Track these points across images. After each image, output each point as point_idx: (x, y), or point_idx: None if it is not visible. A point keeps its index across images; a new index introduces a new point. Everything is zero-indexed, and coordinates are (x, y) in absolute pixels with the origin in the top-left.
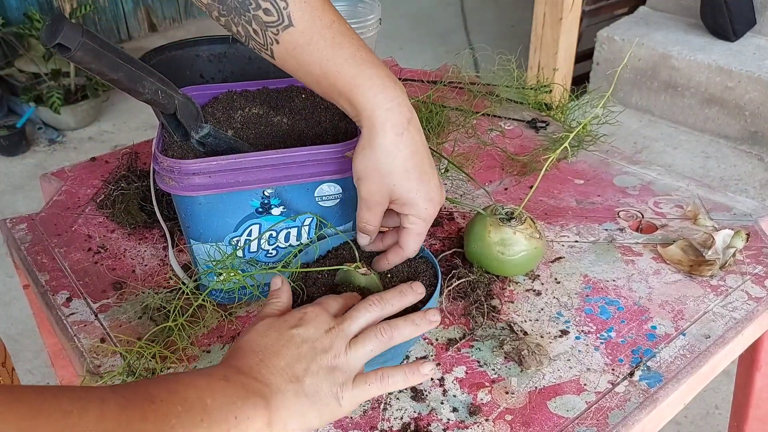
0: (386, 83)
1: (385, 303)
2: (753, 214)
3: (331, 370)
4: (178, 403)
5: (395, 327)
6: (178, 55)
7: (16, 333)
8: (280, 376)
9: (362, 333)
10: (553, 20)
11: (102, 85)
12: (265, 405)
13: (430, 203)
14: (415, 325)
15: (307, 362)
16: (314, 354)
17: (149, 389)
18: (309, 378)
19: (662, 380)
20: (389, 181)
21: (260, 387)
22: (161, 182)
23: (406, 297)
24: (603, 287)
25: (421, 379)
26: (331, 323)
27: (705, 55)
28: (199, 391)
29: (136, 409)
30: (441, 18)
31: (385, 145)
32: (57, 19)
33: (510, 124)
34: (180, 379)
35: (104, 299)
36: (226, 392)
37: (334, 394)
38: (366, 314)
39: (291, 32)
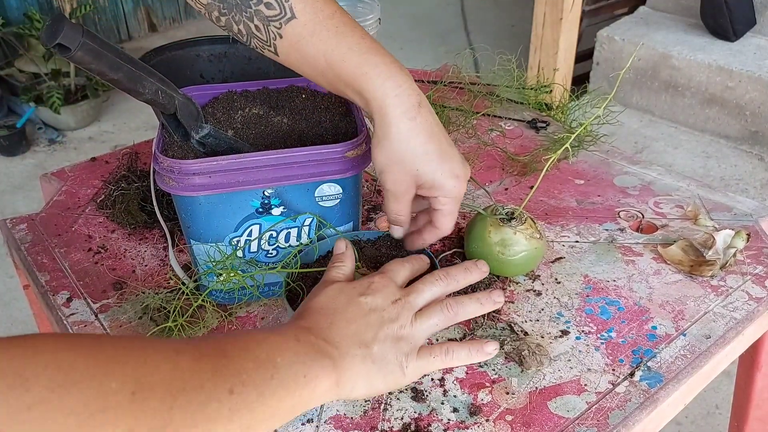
0: (392, 69)
1: (451, 279)
2: (753, 214)
3: (398, 339)
4: (249, 359)
5: (461, 303)
6: (178, 55)
7: (16, 333)
8: (349, 340)
9: (428, 306)
10: (553, 20)
11: (102, 85)
12: (333, 366)
13: (457, 180)
14: (480, 304)
15: (375, 330)
16: (382, 322)
17: (222, 344)
18: (377, 345)
19: (663, 380)
20: (412, 167)
21: (330, 349)
22: (161, 182)
23: (472, 274)
24: (603, 287)
25: (484, 357)
26: (398, 294)
27: (705, 55)
28: (270, 350)
29: (209, 362)
30: (441, 18)
31: (400, 134)
32: (57, 19)
33: (510, 125)
34: (253, 337)
35: (104, 299)
36: (297, 351)
37: (399, 363)
38: (432, 288)
39: (294, 24)
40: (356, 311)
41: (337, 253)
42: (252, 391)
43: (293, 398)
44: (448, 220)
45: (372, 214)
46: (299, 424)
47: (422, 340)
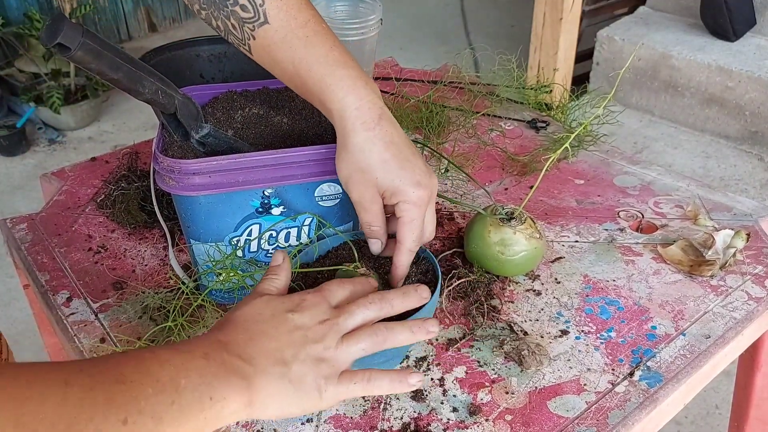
0: (356, 84)
1: (386, 303)
2: (753, 214)
3: (319, 361)
4: (149, 384)
5: (391, 330)
6: (178, 55)
7: (16, 333)
8: (267, 357)
9: (357, 330)
10: (553, 20)
11: (102, 85)
12: (246, 385)
13: (417, 186)
14: (411, 333)
15: (297, 349)
16: (305, 342)
17: (122, 368)
18: (296, 365)
19: (662, 380)
20: (371, 176)
21: (243, 366)
22: (161, 182)
23: (409, 299)
24: (603, 287)
25: (407, 389)
26: (328, 314)
27: (705, 55)
28: (174, 371)
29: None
30: (441, 18)
31: (358, 144)
32: (57, 19)
33: (510, 124)
34: (157, 357)
35: (104, 299)
36: (204, 371)
37: (318, 386)
38: (364, 311)
39: (266, 29)
40: (280, 327)
41: (272, 265)
42: (149, 420)
43: (197, 422)
44: (407, 230)
45: None
46: (299, 423)
47: (346, 365)
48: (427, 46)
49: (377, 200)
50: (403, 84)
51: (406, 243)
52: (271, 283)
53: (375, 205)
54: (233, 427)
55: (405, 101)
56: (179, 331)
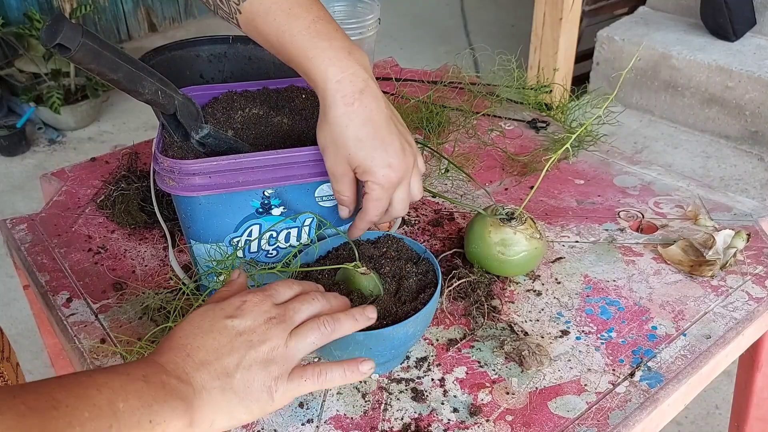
0: (339, 55)
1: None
2: (753, 214)
3: (267, 363)
4: (85, 409)
5: (337, 320)
6: (178, 55)
7: (16, 333)
8: (206, 372)
9: (304, 324)
10: (553, 20)
11: (102, 85)
12: (186, 407)
13: (388, 169)
14: (355, 320)
15: (240, 356)
16: (249, 346)
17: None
18: (240, 373)
19: (663, 380)
20: (344, 151)
21: (182, 387)
22: (161, 182)
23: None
24: (603, 287)
25: (359, 377)
26: (272, 312)
27: (705, 55)
28: (112, 394)
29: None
30: (441, 18)
31: (336, 117)
32: (57, 19)
33: (510, 125)
34: (94, 380)
35: (104, 300)
36: (142, 394)
37: (268, 388)
38: (310, 307)
39: (251, 2)
40: (219, 337)
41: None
42: None
43: None
44: (373, 206)
45: None
46: (299, 424)
47: (295, 361)
48: (427, 46)
49: (348, 173)
50: (403, 84)
51: (369, 215)
52: (219, 294)
53: (346, 177)
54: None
55: (405, 101)
56: None
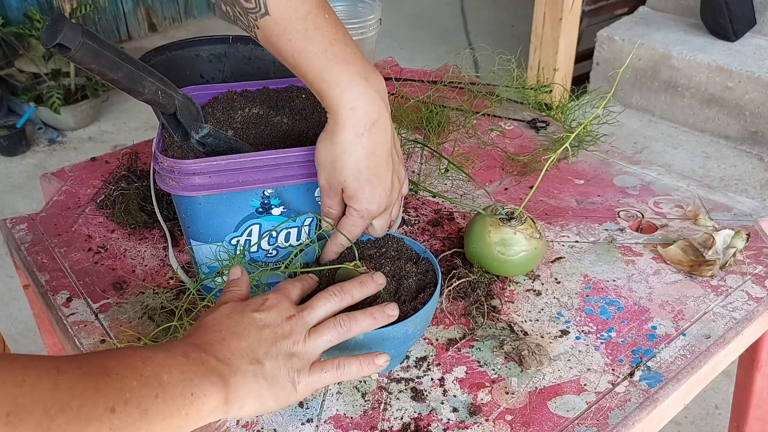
0: (354, 81)
1: (345, 293)
2: (753, 214)
3: (290, 356)
4: (133, 377)
5: (353, 319)
6: (178, 55)
7: (16, 333)
8: (240, 357)
9: (322, 323)
10: (553, 20)
11: (102, 85)
12: (223, 384)
13: (372, 204)
14: (373, 318)
15: (268, 346)
16: (275, 339)
17: (106, 362)
18: (269, 361)
19: (662, 380)
20: (341, 176)
21: (219, 366)
22: (161, 182)
23: (367, 287)
24: (603, 287)
25: (375, 369)
26: (292, 310)
27: (705, 55)
28: (157, 367)
29: (91, 380)
30: (441, 18)
31: (343, 143)
32: (57, 19)
33: (510, 124)
34: (139, 354)
35: (104, 299)
36: (184, 368)
37: (291, 380)
38: (326, 304)
39: (267, 21)
40: (249, 327)
41: (231, 279)
42: (135, 410)
43: (179, 417)
44: (346, 229)
45: None
46: (299, 423)
47: (315, 356)
48: (427, 46)
49: (338, 192)
50: (403, 84)
51: (341, 238)
52: (233, 293)
53: (336, 196)
54: (233, 427)
55: (405, 101)
56: (182, 332)
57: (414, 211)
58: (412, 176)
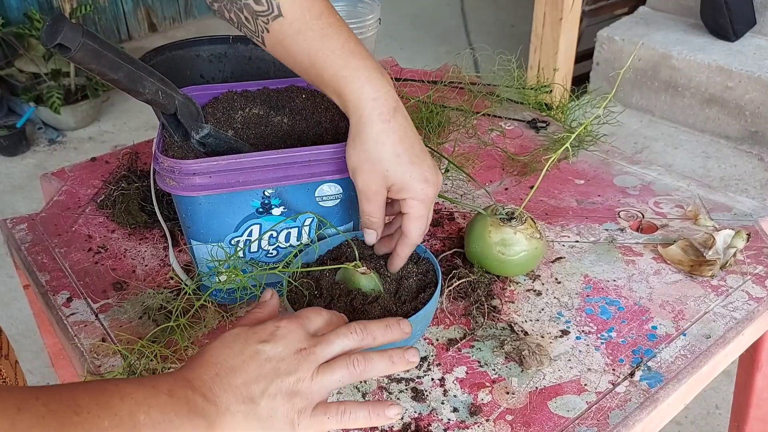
0: (372, 75)
1: (367, 333)
2: (753, 214)
3: (292, 394)
4: (106, 417)
5: (369, 361)
6: (178, 55)
7: (16, 333)
8: (233, 395)
9: (333, 360)
10: (553, 20)
11: (102, 85)
12: (208, 425)
13: (426, 184)
14: (392, 362)
15: (267, 383)
16: (276, 375)
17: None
18: (265, 401)
19: (663, 380)
20: (382, 167)
21: (206, 406)
22: (161, 182)
23: (392, 333)
24: (603, 287)
25: (384, 422)
26: (304, 344)
27: (705, 55)
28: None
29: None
30: (441, 18)
31: (373, 134)
32: (57, 19)
33: (510, 124)
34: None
35: (105, 299)
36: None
37: (291, 421)
38: (344, 341)
39: (280, 22)
40: (250, 360)
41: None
42: None
43: None
44: (416, 225)
45: None
46: None
47: (320, 397)
48: (427, 46)
49: (382, 192)
50: (403, 84)
51: (412, 237)
52: (252, 316)
53: (378, 197)
54: None
55: (405, 101)
56: (181, 332)
57: None
58: None
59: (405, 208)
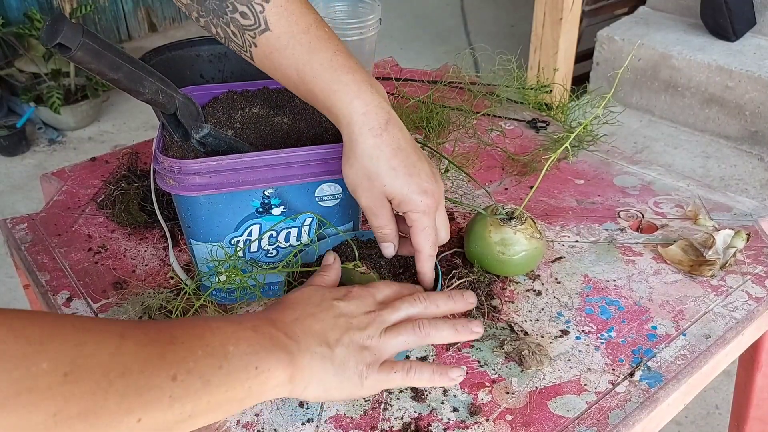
0: (362, 88)
1: (431, 302)
2: (753, 214)
3: (362, 348)
4: (199, 347)
5: (434, 326)
6: (178, 55)
7: None
8: (312, 338)
9: (400, 323)
10: (553, 20)
11: (102, 85)
12: (290, 361)
13: (425, 195)
14: (455, 330)
15: (341, 333)
16: (349, 328)
17: (174, 330)
18: (339, 348)
19: (663, 380)
20: (380, 183)
21: (288, 342)
22: (161, 182)
23: (455, 302)
24: (603, 287)
25: (448, 383)
26: (373, 306)
27: (705, 55)
28: (224, 338)
29: (155, 348)
30: (441, 18)
31: (366, 150)
32: (57, 19)
33: (510, 124)
34: (208, 324)
35: (105, 299)
36: (251, 341)
37: (359, 372)
38: (409, 308)
39: (268, 36)
40: (326, 312)
41: (325, 264)
42: (197, 380)
43: (242, 390)
44: (423, 237)
45: None
46: (299, 423)
47: (387, 355)
48: (427, 46)
49: (386, 205)
50: (403, 84)
51: (425, 250)
52: (322, 278)
53: (384, 210)
54: (234, 426)
55: (405, 101)
56: None
57: None
58: None
59: (409, 221)
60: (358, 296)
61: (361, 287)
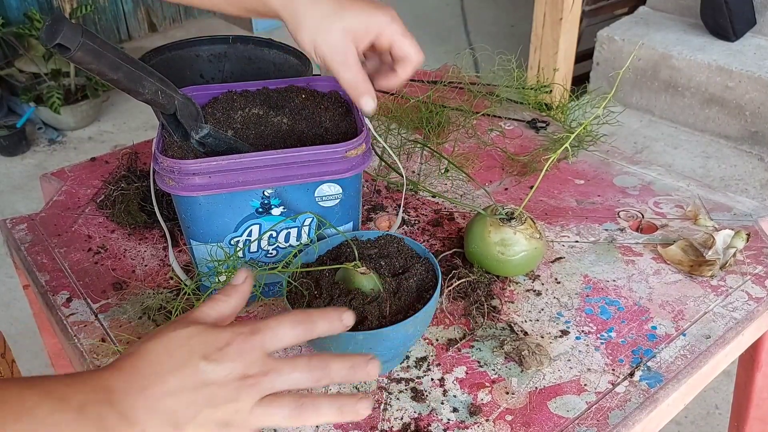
0: None
1: (325, 374)
2: (753, 214)
3: (224, 425)
4: None
5: (317, 408)
6: (178, 55)
7: (16, 333)
8: (157, 417)
9: (280, 395)
10: (553, 20)
11: (102, 85)
12: None
13: (383, 10)
14: (339, 412)
15: (197, 410)
16: (209, 403)
17: None
18: (191, 428)
19: (662, 380)
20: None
21: (119, 426)
22: (161, 182)
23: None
24: (603, 287)
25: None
26: (253, 369)
27: (705, 55)
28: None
29: None
30: (441, 18)
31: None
32: (57, 19)
33: (510, 125)
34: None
35: (104, 299)
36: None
37: None
38: (298, 377)
39: None
40: (187, 379)
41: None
42: None
43: None
44: (408, 43)
45: (372, 214)
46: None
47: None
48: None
49: (351, 50)
50: (403, 84)
51: (412, 57)
52: (213, 308)
53: (350, 57)
54: None
55: (405, 101)
56: None
57: (414, 211)
58: (412, 176)
59: (385, 40)
60: (238, 353)
61: (248, 336)
